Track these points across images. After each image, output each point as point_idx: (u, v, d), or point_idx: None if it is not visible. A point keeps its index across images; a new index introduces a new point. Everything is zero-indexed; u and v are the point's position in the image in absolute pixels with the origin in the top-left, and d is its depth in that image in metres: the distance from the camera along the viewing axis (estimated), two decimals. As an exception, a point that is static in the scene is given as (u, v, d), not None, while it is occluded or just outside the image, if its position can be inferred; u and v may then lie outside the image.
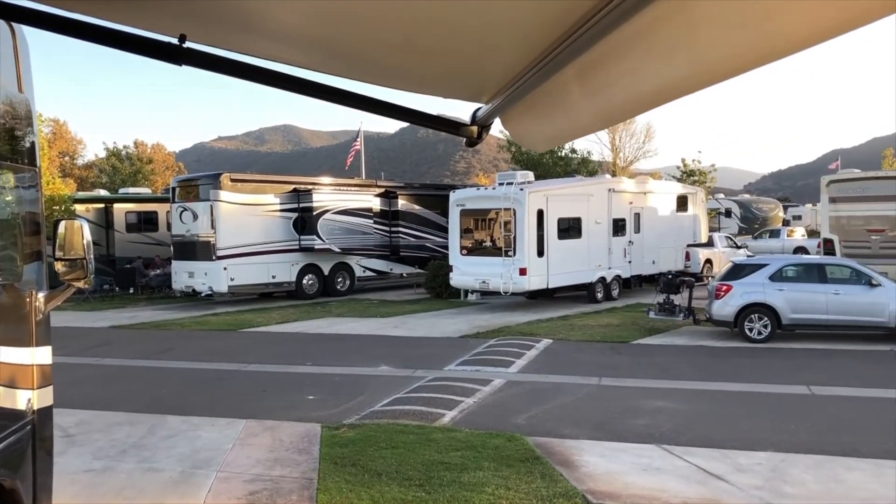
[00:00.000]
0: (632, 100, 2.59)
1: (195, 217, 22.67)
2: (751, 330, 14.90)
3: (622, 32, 1.88)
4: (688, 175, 43.05)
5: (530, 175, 21.60)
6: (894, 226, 18.09)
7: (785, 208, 53.36)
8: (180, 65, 2.70)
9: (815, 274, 15.09)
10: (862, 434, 8.90)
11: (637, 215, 23.35)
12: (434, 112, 3.42)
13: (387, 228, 25.98)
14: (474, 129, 3.30)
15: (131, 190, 35.05)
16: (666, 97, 2.40)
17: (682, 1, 1.73)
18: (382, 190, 26.51)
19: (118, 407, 10.36)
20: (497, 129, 3.78)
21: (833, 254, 18.58)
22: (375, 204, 25.74)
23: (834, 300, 14.56)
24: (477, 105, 3.22)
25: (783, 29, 1.69)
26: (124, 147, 60.82)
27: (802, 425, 9.36)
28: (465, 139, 3.40)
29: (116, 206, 28.17)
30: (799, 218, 49.90)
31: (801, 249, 33.95)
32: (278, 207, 23.49)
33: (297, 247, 23.76)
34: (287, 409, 10.20)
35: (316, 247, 23.63)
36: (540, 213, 19.81)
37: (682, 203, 26.02)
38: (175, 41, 2.60)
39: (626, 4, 1.76)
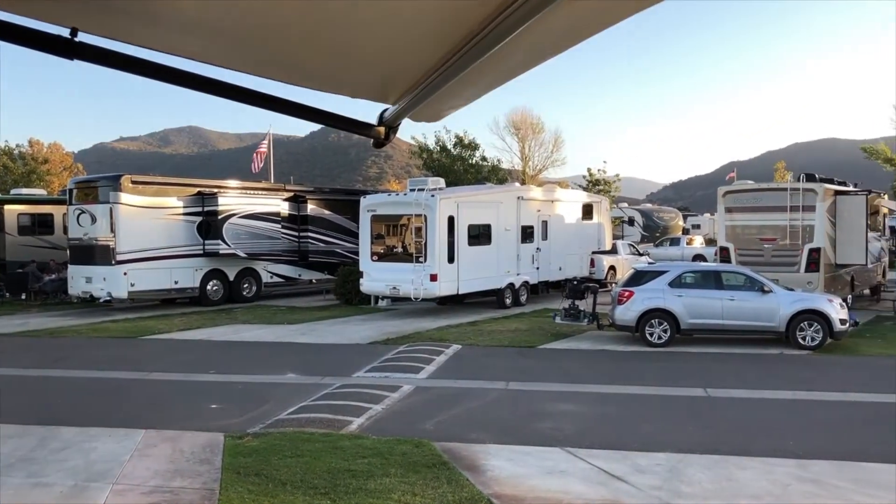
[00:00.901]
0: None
1: (93, 220, 21.74)
2: (651, 334, 15.39)
3: (528, 31, 1.89)
4: (594, 184, 44.24)
5: (441, 182, 21.70)
6: (785, 235, 19.02)
7: (685, 217, 55.49)
8: (72, 59, 2.57)
9: (711, 281, 15.73)
10: (754, 434, 9.31)
11: (545, 223, 23.80)
12: (343, 113, 3.36)
13: (295, 233, 25.59)
14: (381, 129, 3.27)
15: (24, 191, 33.32)
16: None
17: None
18: (291, 194, 26.10)
19: (5, 419, 9.79)
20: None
21: (729, 261, 19.36)
22: (284, 208, 25.32)
23: (729, 306, 15.20)
24: (384, 106, 3.19)
25: None
26: (17, 146, 57.77)
27: (699, 426, 9.72)
28: (372, 140, 3.37)
29: (8, 207, 26.72)
30: (698, 227, 51.93)
31: (699, 257, 35.33)
32: (182, 211, 22.79)
33: (201, 251, 23.10)
34: (189, 419, 9.88)
35: (221, 252, 23.04)
36: (451, 220, 19.93)
37: (587, 211, 26.69)
38: (66, 34, 2.46)
39: (532, 3, 1.77)
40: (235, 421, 9.78)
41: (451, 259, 19.83)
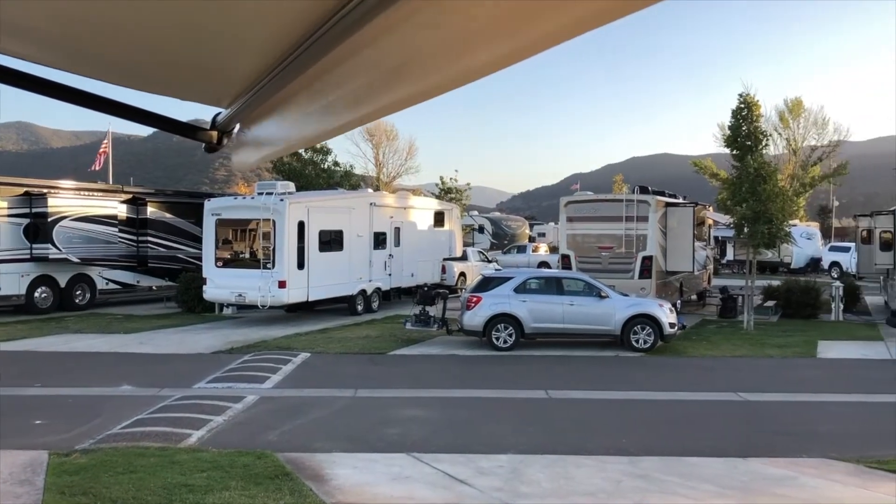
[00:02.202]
0: (374, 103, 2.60)
1: None
2: (497, 339, 15.83)
3: (364, 35, 1.88)
4: (446, 192, 44.93)
5: (291, 186, 21.29)
6: (621, 243, 20.11)
7: (531, 226, 57.50)
8: None
9: (553, 286, 16.38)
10: (590, 433, 9.77)
11: (397, 229, 23.92)
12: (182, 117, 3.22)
13: (134, 238, 24.25)
14: (214, 134, 3.14)
15: None
16: (415, 99, 2.43)
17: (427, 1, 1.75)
18: (130, 196, 24.72)
19: None
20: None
21: (570, 268, 20.24)
22: (122, 211, 23.94)
23: (569, 310, 15.89)
24: (217, 109, 3.08)
25: (536, 24, 1.75)
26: None
27: (540, 427, 10.08)
28: (203, 144, 3.24)
29: None
30: (543, 235, 53.90)
31: (544, 264, 36.64)
32: (6, 212, 21.05)
33: (27, 256, 21.42)
34: (9, 437, 9.11)
35: (50, 256, 21.47)
36: (301, 225, 19.58)
37: (439, 219, 27.09)
38: None
39: (367, 4, 1.76)
40: (63, 437, 9.12)
41: (300, 265, 19.49)
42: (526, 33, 1.86)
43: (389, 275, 23.40)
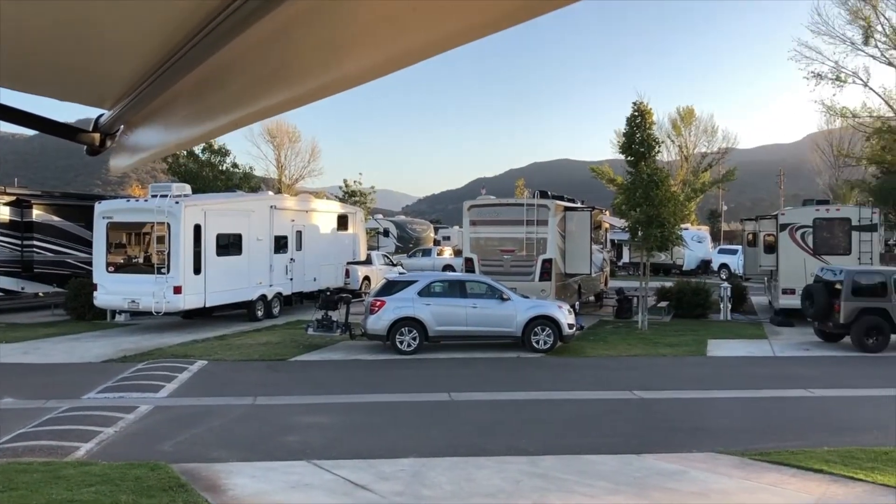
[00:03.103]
0: (258, 105, 2.55)
1: None
2: (401, 343, 15.82)
3: (247, 38, 1.84)
4: (350, 195, 44.61)
5: (187, 188, 20.65)
6: (522, 246, 20.48)
7: (436, 229, 57.79)
8: None
9: (457, 290, 16.51)
10: (492, 434, 9.89)
11: (299, 233, 23.56)
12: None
13: (18, 242, 22.98)
14: (96, 136, 3.01)
15: None
16: (300, 101, 2.40)
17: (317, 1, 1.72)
18: (13, 198, 23.41)
19: None
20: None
21: (473, 271, 20.46)
22: (4, 214, 22.65)
23: (473, 313, 16.05)
24: (100, 111, 2.95)
25: (429, 26, 1.74)
26: None
27: (443, 430, 10.13)
28: (85, 147, 3.10)
29: None
30: (448, 238, 54.26)
31: (449, 267, 36.91)
32: None
33: None
34: None
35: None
36: (197, 228, 19.01)
37: (342, 222, 26.85)
38: None
39: (249, 7, 1.72)
40: (-66, 456, 8.54)
41: (197, 270, 18.92)
42: (407, 41, 1.86)
43: (291, 279, 23.02)
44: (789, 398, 12.28)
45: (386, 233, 47.39)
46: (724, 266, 39.78)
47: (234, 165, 38.31)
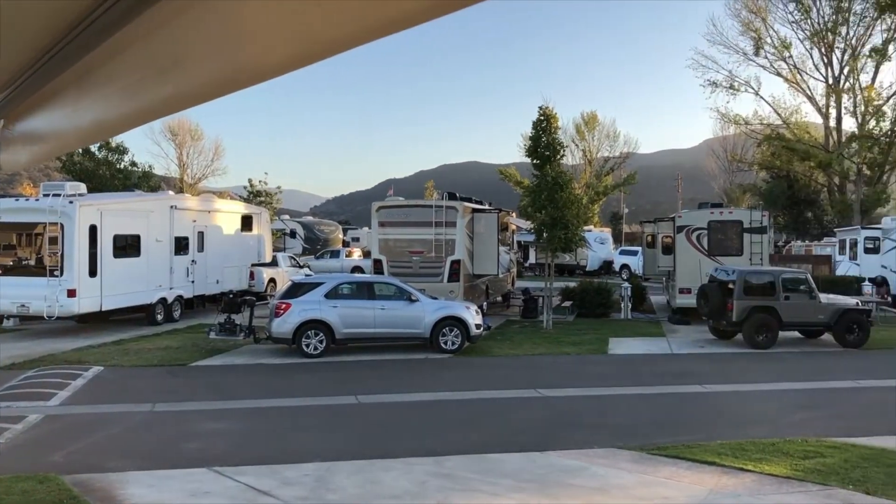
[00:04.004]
0: (151, 99, 2.47)
1: None
2: (308, 346, 15.60)
3: (131, 31, 1.77)
4: (255, 196, 43.71)
5: (82, 187, 19.75)
6: (430, 248, 20.56)
7: (345, 230, 57.29)
8: None
9: (364, 291, 16.40)
10: (398, 436, 9.88)
11: (201, 234, 22.90)
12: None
13: None
14: (-31, 132, 2.86)
15: None
16: (196, 98, 2.32)
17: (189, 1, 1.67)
18: None
19: None
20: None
21: (382, 273, 20.39)
22: None
23: (381, 315, 15.99)
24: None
25: (313, 31, 1.70)
26: None
27: (349, 433, 10.05)
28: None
29: None
30: (357, 240, 53.90)
31: (358, 269, 36.67)
32: None
33: None
34: None
35: None
36: (93, 229, 18.22)
37: (247, 223, 26.26)
38: None
39: (127, 2, 1.66)
40: None
41: (92, 272, 18.13)
42: (303, 40, 1.83)
43: (192, 282, 22.35)
44: (685, 394, 12.77)
45: (293, 234, 46.63)
46: (625, 266, 41.08)
47: (133, 164, 36.98)
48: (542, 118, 20.65)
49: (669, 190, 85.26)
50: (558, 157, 20.93)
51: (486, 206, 23.95)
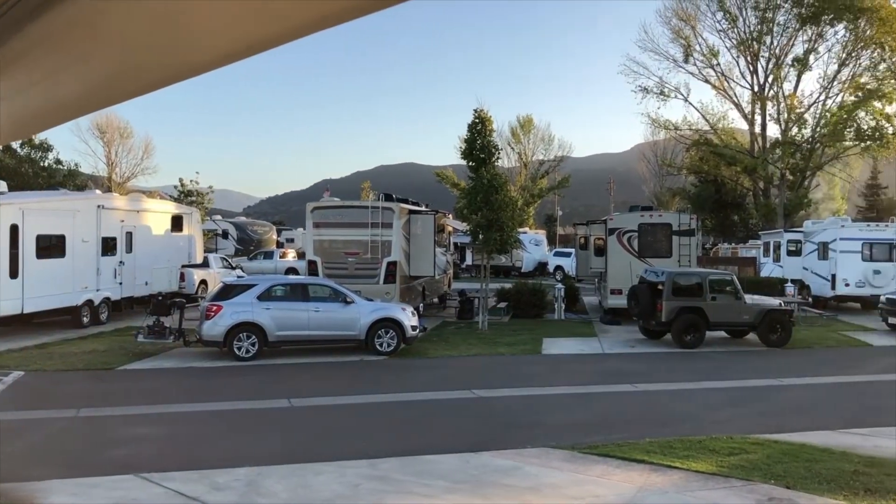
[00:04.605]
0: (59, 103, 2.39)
1: None
2: (240, 349, 15.34)
3: (44, 25, 1.71)
4: (186, 195, 42.81)
5: (3, 185, 19.01)
6: (366, 249, 20.47)
7: (279, 231, 56.59)
8: None
9: (298, 293, 16.21)
10: (332, 439, 9.80)
11: (129, 234, 22.29)
12: None
13: None
14: None
15: None
16: (111, 99, 2.26)
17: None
18: None
19: None
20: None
21: (317, 274, 20.19)
22: None
23: (315, 317, 15.83)
24: None
25: (241, 28, 1.67)
26: None
27: (281, 437, 9.92)
28: None
29: None
30: (292, 240, 53.29)
31: (292, 270, 36.25)
32: None
33: None
34: None
35: None
36: (14, 229, 17.55)
37: (177, 223, 25.65)
38: None
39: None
40: None
41: (13, 274, 17.45)
42: (229, 38, 1.81)
43: (120, 283, 21.73)
44: (616, 393, 13.03)
45: (225, 234, 45.82)
46: (559, 268, 41.65)
47: (58, 162, 35.77)
48: (477, 121, 20.76)
49: (602, 193, 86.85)
50: (493, 159, 21.08)
51: (423, 208, 23.98)
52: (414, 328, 16.48)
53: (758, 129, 47.31)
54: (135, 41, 1.90)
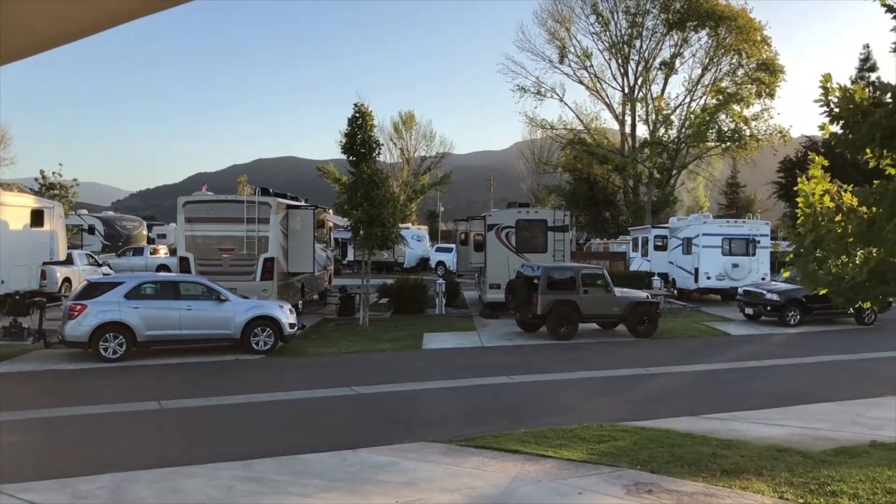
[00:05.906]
0: None
1: None
2: (106, 349, 14.61)
3: None
4: (47, 188, 40.33)
5: None
6: (242, 245, 19.91)
7: (150, 227, 54.18)
8: None
9: (169, 291, 15.60)
10: (206, 441, 9.49)
11: (-17, 230, 20.75)
12: None
13: None
14: None
15: None
16: None
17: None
18: None
19: None
20: None
21: (189, 271, 19.46)
22: None
23: (187, 315, 15.28)
24: None
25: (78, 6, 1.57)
26: None
27: (150, 441, 9.52)
28: None
29: None
30: (164, 236, 51.16)
31: (164, 267, 34.78)
32: None
33: None
34: None
35: None
36: None
37: (37, 218, 24.06)
38: None
39: None
40: None
41: None
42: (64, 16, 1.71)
43: (-27, 282, 20.22)
44: (494, 385, 13.29)
45: (91, 230, 43.40)
46: (440, 263, 42.03)
47: None
48: (357, 115, 20.60)
49: (483, 190, 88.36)
50: (374, 154, 20.98)
51: (303, 203, 23.58)
52: (292, 326, 16.21)
53: (628, 130, 49.44)
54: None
